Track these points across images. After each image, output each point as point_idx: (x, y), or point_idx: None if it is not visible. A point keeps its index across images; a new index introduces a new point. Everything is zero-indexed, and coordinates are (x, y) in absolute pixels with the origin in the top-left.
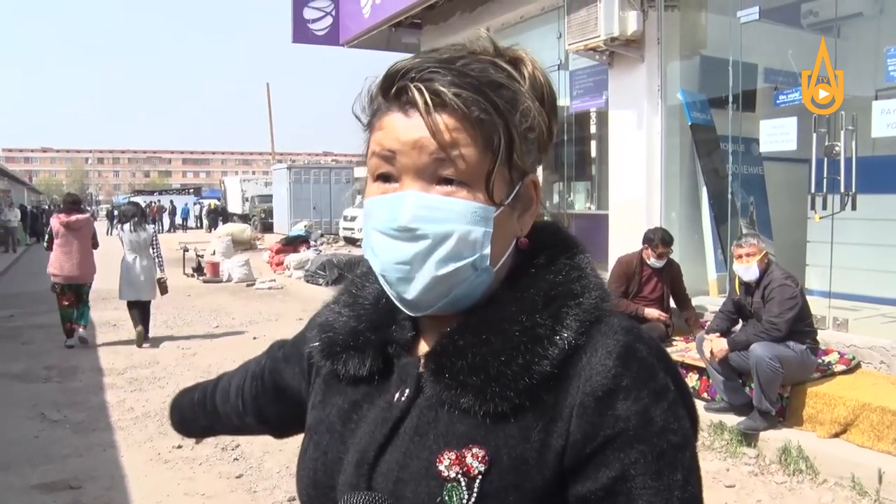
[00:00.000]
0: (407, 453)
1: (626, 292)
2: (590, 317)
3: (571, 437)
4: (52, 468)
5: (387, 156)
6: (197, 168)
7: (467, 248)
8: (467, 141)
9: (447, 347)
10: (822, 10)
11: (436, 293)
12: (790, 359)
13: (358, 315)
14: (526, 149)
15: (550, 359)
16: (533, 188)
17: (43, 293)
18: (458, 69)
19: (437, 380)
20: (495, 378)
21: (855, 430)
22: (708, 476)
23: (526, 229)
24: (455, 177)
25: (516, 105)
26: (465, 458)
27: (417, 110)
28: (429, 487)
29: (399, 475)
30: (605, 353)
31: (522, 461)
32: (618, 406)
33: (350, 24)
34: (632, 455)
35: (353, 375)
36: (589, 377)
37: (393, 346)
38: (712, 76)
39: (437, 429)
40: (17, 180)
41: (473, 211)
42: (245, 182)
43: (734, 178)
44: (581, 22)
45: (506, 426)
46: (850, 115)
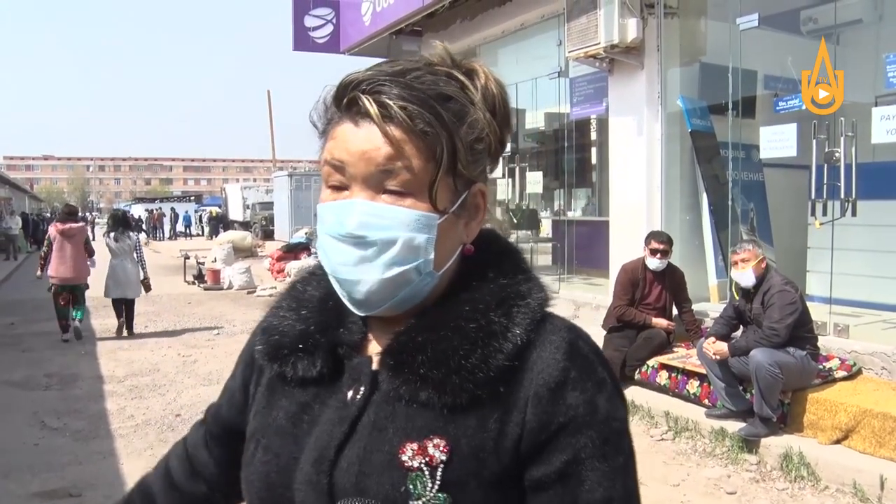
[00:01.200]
0: (367, 448)
1: (633, 300)
2: (536, 315)
3: (528, 425)
4: (52, 476)
5: (337, 165)
6: (198, 175)
7: (411, 253)
8: (412, 152)
9: (406, 344)
10: (821, 17)
11: (382, 294)
12: (790, 365)
13: (304, 318)
14: (472, 159)
15: (505, 353)
16: (480, 197)
17: (44, 301)
18: (406, 82)
19: (395, 376)
20: (455, 371)
21: (856, 437)
22: (709, 483)
23: (472, 236)
24: (400, 186)
25: (464, 117)
26: (426, 448)
27: (366, 121)
28: (392, 478)
29: (361, 469)
30: (553, 349)
31: (481, 449)
32: (568, 396)
33: (351, 31)
34: (581, 440)
35: (302, 377)
36: (541, 370)
37: (343, 348)
38: (712, 83)
39: (395, 423)
40: (19, 188)
41: (417, 219)
42: (246, 189)
43: (734, 184)
44: (581, 29)
45: (464, 417)
46: (849, 122)
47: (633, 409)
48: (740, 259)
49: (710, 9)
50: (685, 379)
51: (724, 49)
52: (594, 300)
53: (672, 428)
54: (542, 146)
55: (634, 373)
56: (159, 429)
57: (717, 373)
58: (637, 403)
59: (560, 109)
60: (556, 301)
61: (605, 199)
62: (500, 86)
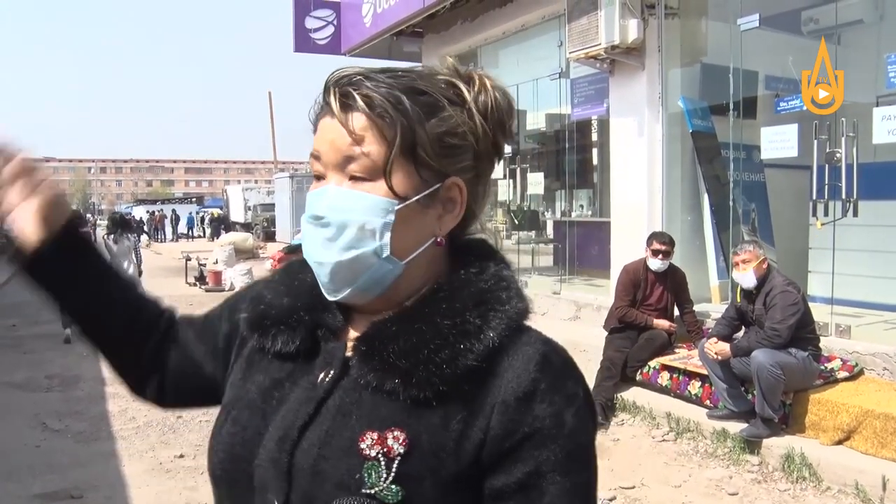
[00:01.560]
0: (329, 431)
1: (634, 300)
2: (513, 323)
3: (492, 431)
4: (53, 478)
5: (316, 155)
6: (199, 177)
7: (367, 236)
8: (371, 139)
9: (380, 332)
10: (822, 17)
11: (342, 277)
12: (792, 365)
13: (294, 294)
14: (441, 152)
15: (475, 353)
16: (456, 191)
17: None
18: (379, 77)
19: (365, 362)
20: (423, 363)
21: (858, 437)
22: (711, 484)
23: (445, 230)
24: (360, 172)
25: (434, 110)
26: (386, 440)
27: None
28: (349, 464)
29: (320, 451)
30: (525, 359)
31: (441, 448)
32: (535, 407)
33: (352, 33)
34: (545, 453)
35: (280, 352)
36: (511, 379)
37: (322, 330)
38: (713, 83)
39: (360, 410)
40: None
41: (372, 203)
42: (247, 191)
43: (735, 185)
44: (582, 30)
45: (428, 413)
46: (850, 122)
47: (635, 410)
48: (741, 260)
49: (711, 9)
50: (687, 380)
51: (724, 49)
52: (595, 301)
53: (674, 429)
54: (543, 147)
55: (636, 374)
56: (161, 430)
57: (719, 374)
58: (638, 404)
59: (561, 110)
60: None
61: (607, 200)
62: (503, 93)
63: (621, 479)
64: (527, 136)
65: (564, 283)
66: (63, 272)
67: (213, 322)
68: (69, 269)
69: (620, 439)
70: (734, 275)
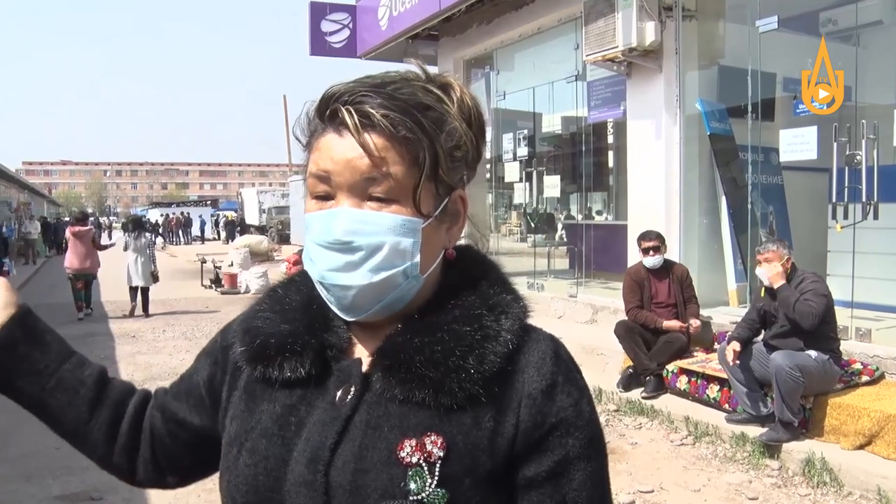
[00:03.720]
0: (363, 446)
1: (642, 301)
2: (521, 322)
3: (522, 425)
4: (72, 479)
5: (322, 176)
6: (214, 180)
7: (398, 257)
8: (395, 159)
9: (403, 346)
10: (841, 19)
11: (370, 298)
12: (811, 368)
13: (290, 319)
14: (452, 166)
15: (498, 354)
16: (460, 203)
17: (62, 305)
18: (387, 93)
19: (390, 376)
20: (454, 371)
21: (880, 442)
22: (731, 488)
23: (454, 241)
24: (384, 193)
25: (442, 125)
26: (424, 445)
27: (349, 131)
28: (391, 474)
29: (357, 466)
30: (540, 355)
31: (476, 447)
32: (558, 399)
33: (367, 36)
34: (570, 441)
35: (288, 378)
36: (532, 374)
37: (332, 350)
38: (731, 86)
39: (390, 421)
40: (37, 193)
41: (402, 223)
42: (262, 194)
43: (754, 187)
44: (599, 33)
45: (460, 415)
46: (871, 124)
47: (653, 413)
48: (763, 258)
49: (729, 11)
50: (705, 383)
51: (742, 51)
52: (612, 304)
53: (692, 433)
54: (559, 150)
55: (647, 377)
56: None
57: (739, 377)
58: (657, 408)
59: (577, 113)
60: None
61: (623, 203)
62: (475, 99)
63: (640, 483)
64: (543, 138)
65: (581, 286)
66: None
67: (190, 377)
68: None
69: (639, 443)
70: (757, 271)
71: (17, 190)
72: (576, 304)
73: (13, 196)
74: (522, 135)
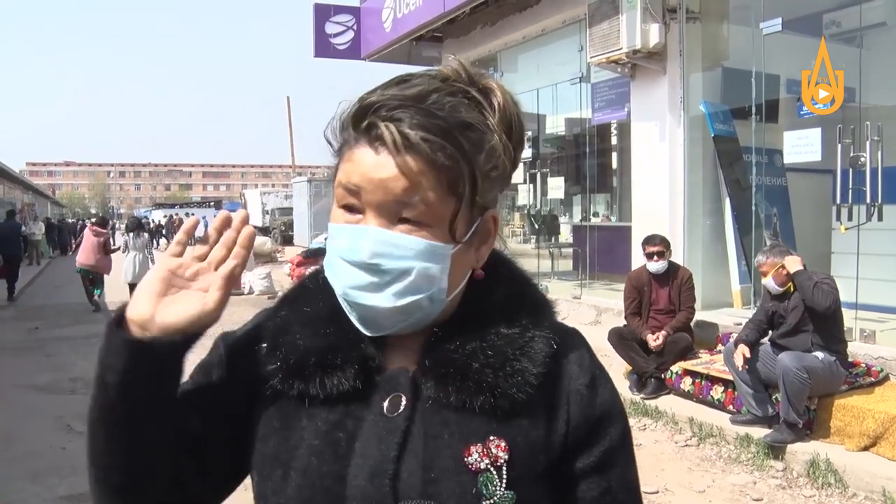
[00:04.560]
0: (426, 455)
1: (640, 305)
2: (554, 320)
3: (573, 420)
4: (78, 479)
5: (353, 189)
6: (217, 181)
7: (425, 282)
8: (431, 184)
9: (454, 353)
10: (844, 21)
11: (393, 320)
12: (818, 370)
13: (324, 332)
14: (488, 187)
15: (545, 354)
16: (492, 222)
17: (67, 305)
18: (427, 108)
19: (446, 383)
20: (510, 375)
21: (885, 444)
22: (735, 489)
23: (482, 261)
24: (417, 217)
25: (482, 146)
26: (490, 450)
27: (385, 149)
28: (460, 481)
29: (426, 476)
30: (578, 352)
31: (534, 446)
32: (599, 392)
33: (371, 38)
34: (612, 430)
35: (330, 393)
36: (574, 370)
37: (374, 361)
38: (735, 87)
39: (449, 428)
40: (41, 194)
41: (433, 249)
42: (265, 195)
43: (757, 189)
44: (603, 35)
45: (516, 417)
46: (875, 126)
47: (657, 415)
48: (762, 272)
49: (733, 13)
50: (709, 385)
51: (746, 53)
52: (616, 305)
53: (697, 434)
54: (563, 151)
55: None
56: None
57: (744, 378)
58: (661, 409)
59: (581, 115)
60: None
61: (627, 205)
62: (516, 104)
63: (644, 484)
64: (547, 140)
65: (585, 288)
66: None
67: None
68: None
69: (643, 444)
70: (763, 281)
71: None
72: (580, 306)
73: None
74: (526, 136)
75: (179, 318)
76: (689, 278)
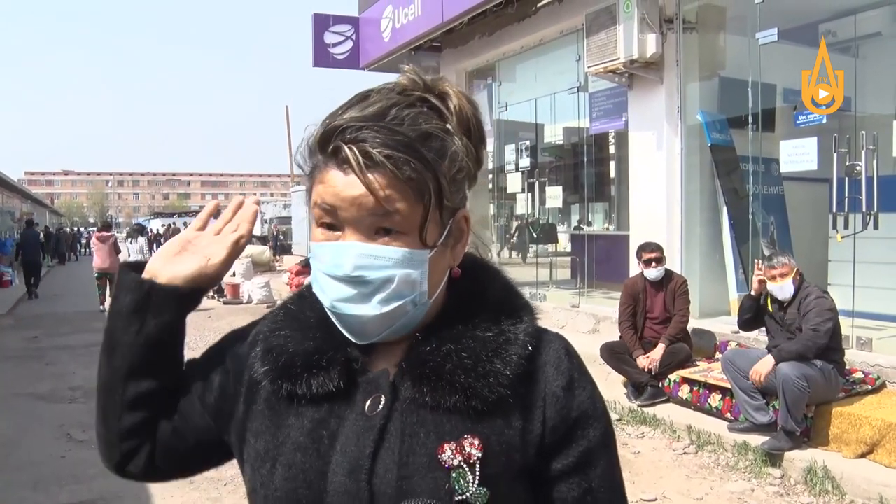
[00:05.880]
0: (403, 452)
1: (635, 313)
2: (533, 325)
3: (549, 422)
4: (79, 488)
5: (328, 209)
6: (215, 190)
7: (407, 287)
8: (401, 197)
9: (430, 355)
10: (840, 30)
11: (380, 326)
12: (817, 378)
13: (311, 336)
14: (455, 189)
15: (521, 356)
16: (464, 222)
17: (66, 315)
18: (388, 126)
19: (421, 383)
20: (483, 376)
21: (881, 451)
22: (733, 497)
23: (458, 260)
24: (393, 227)
25: (445, 152)
26: (463, 447)
27: (352, 170)
28: (434, 477)
29: (401, 473)
30: (556, 354)
31: (509, 445)
32: (577, 394)
33: (370, 47)
34: (591, 431)
35: (316, 393)
36: (552, 372)
37: (358, 362)
38: (731, 97)
39: (426, 427)
40: (40, 203)
41: (410, 256)
42: (264, 204)
43: (754, 198)
44: (600, 45)
45: (491, 417)
46: (870, 135)
47: (655, 422)
48: (778, 274)
49: (729, 23)
50: (707, 393)
51: (743, 63)
52: (614, 314)
53: (694, 441)
54: (561, 161)
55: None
56: None
57: (742, 385)
58: (659, 417)
59: (579, 124)
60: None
61: (624, 213)
62: (473, 105)
63: (643, 491)
64: (545, 149)
65: (583, 297)
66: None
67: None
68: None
69: (641, 452)
70: (771, 287)
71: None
72: (578, 315)
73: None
74: (524, 146)
75: (183, 269)
76: (683, 284)
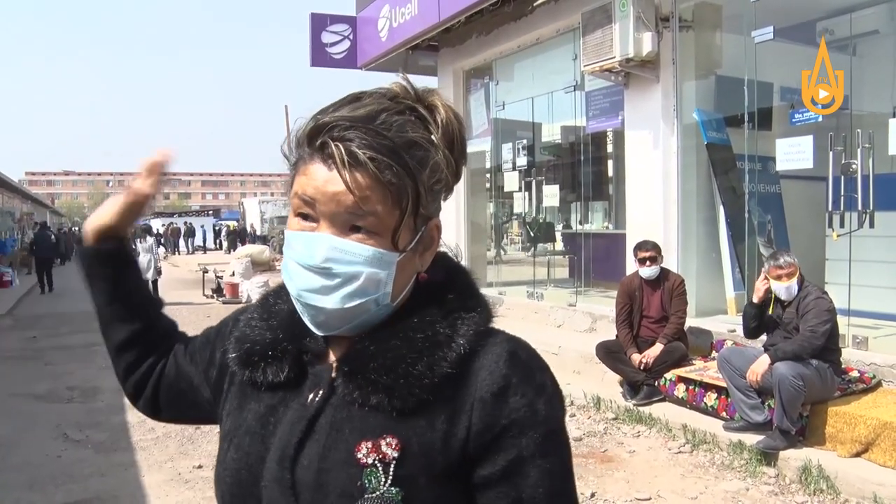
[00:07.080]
0: (326, 446)
1: (631, 311)
2: (480, 327)
3: (474, 427)
4: (75, 487)
5: (307, 201)
6: (216, 190)
7: (372, 286)
8: (378, 199)
9: (360, 353)
10: (837, 29)
11: (341, 320)
12: (813, 378)
13: (273, 328)
14: (432, 199)
15: (449, 361)
16: (435, 230)
17: (65, 315)
18: (375, 129)
19: (349, 381)
20: (403, 377)
21: (876, 450)
22: (728, 496)
23: (426, 265)
24: (367, 227)
25: (427, 162)
26: (380, 446)
27: (336, 166)
28: (349, 473)
29: (320, 465)
30: (494, 358)
31: (430, 447)
32: (510, 401)
33: (368, 47)
34: (523, 440)
35: (271, 382)
36: (485, 377)
37: (308, 355)
38: (728, 95)
39: (351, 423)
40: (40, 203)
41: (380, 256)
42: (264, 203)
43: (751, 196)
44: (596, 43)
45: (414, 418)
46: (866, 133)
47: (651, 421)
48: (786, 273)
49: (725, 22)
50: (703, 392)
51: (739, 62)
52: (611, 313)
53: (690, 441)
54: (558, 159)
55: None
56: (179, 441)
57: (738, 384)
58: (654, 416)
59: (576, 123)
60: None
61: (622, 212)
62: (459, 120)
63: (637, 490)
64: (542, 148)
65: (580, 295)
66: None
67: (205, 346)
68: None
69: (636, 451)
70: (776, 286)
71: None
72: (575, 313)
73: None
74: (522, 145)
75: (92, 223)
76: (680, 283)
